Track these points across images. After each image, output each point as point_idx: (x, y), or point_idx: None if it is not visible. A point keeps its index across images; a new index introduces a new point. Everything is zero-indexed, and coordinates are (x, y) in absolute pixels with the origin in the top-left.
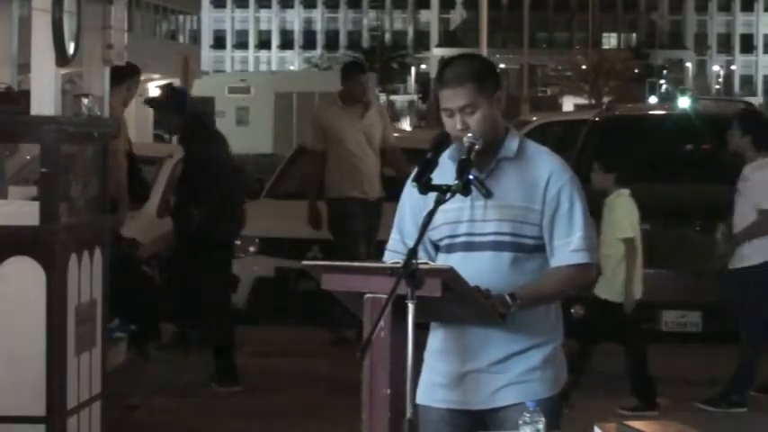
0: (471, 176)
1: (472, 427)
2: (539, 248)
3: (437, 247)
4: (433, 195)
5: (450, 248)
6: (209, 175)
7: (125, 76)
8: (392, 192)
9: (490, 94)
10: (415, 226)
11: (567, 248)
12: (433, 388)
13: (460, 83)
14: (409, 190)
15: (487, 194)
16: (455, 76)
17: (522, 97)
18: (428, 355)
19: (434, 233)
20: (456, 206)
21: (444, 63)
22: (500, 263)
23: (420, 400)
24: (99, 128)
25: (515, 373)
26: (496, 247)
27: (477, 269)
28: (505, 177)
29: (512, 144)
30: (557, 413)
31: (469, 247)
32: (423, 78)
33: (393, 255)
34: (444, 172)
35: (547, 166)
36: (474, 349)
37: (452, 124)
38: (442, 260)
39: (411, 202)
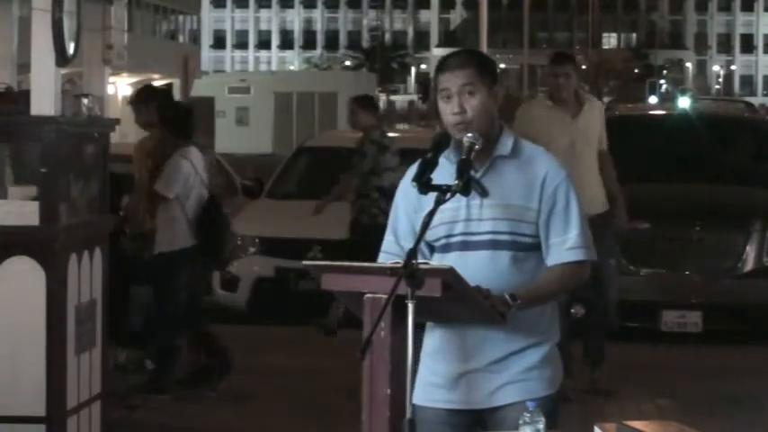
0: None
1: (471, 427)
2: (535, 247)
3: (432, 248)
4: (426, 195)
5: (447, 248)
6: None
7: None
8: None
9: (489, 84)
10: (409, 226)
11: (563, 246)
12: (430, 388)
13: (461, 66)
14: (403, 190)
15: (483, 193)
16: (456, 61)
17: (522, 97)
18: (425, 356)
19: (430, 233)
20: (452, 206)
21: (445, 56)
22: (498, 262)
23: (417, 400)
24: (99, 128)
25: (514, 371)
26: (494, 245)
27: (475, 268)
28: (501, 176)
29: (507, 142)
30: (554, 412)
31: (466, 246)
32: (423, 78)
33: (387, 256)
34: (439, 172)
35: (543, 165)
36: (472, 349)
37: (450, 109)
38: (438, 260)
39: (405, 203)
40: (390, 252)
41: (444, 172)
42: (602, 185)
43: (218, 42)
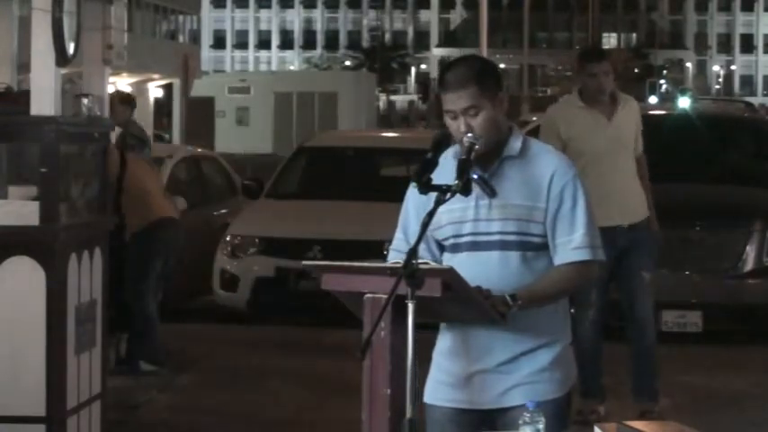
0: (476, 176)
1: (479, 427)
2: (545, 246)
3: (442, 248)
4: (428, 195)
5: (456, 248)
6: None
7: None
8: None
9: (492, 95)
10: (419, 226)
11: (568, 246)
12: (440, 387)
13: (462, 86)
14: (412, 190)
15: (492, 194)
16: (457, 79)
17: (522, 97)
18: (436, 355)
19: (439, 233)
20: (460, 206)
21: (445, 66)
22: (507, 262)
23: (427, 398)
24: (99, 128)
25: (524, 373)
26: (503, 246)
27: (485, 269)
28: (510, 176)
29: (515, 143)
30: (565, 414)
31: (475, 246)
32: (423, 78)
33: (397, 254)
34: (451, 172)
35: (550, 164)
36: (482, 349)
37: (456, 127)
38: (448, 260)
39: (415, 202)
40: (400, 250)
41: (448, 172)
42: (641, 190)
43: (218, 42)
